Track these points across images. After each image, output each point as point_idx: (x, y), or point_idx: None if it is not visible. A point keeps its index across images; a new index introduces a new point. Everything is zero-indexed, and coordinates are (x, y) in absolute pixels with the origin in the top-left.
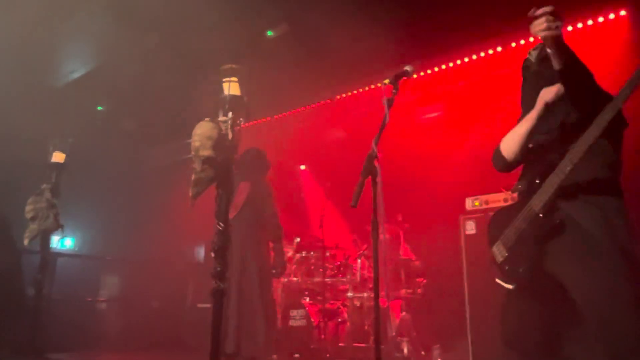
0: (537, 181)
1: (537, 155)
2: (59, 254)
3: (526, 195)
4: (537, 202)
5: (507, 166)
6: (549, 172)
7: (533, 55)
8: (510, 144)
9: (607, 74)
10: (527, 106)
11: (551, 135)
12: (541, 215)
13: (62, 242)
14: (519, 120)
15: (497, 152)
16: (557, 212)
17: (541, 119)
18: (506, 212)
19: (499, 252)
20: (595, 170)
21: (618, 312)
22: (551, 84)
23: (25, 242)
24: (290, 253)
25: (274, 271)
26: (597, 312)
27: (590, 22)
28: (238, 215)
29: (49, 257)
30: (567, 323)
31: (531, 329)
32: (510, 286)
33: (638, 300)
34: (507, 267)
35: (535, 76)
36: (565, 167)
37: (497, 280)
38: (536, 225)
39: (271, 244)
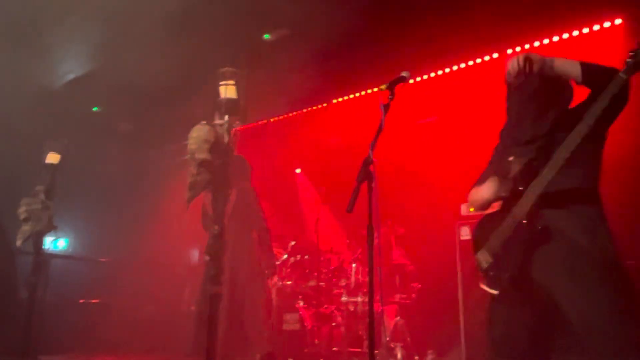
0: (520, 188)
1: (519, 164)
2: (53, 256)
3: (509, 202)
4: (521, 209)
5: (483, 210)
6: (532, 179)
7: (514, 66)
8: (478, 201)
9: None
10: (512, 117)
11: (534, 143)
12: (525, 222)
13: (55, 244)
14: (501, 132)
15: (469, 204)
16: (541, 220)
17: (525, 128)
18: (490, 218)
19: (484, 258)
20: (577, 178)
21: (606, 321)
22: (534, 95)
23: (18, 243)
24: (284, 256)
25: (266, 272)
26: (585, 321)
27: (586, 30)
28: (227, 222)
29: (42, 259)
30: (554, 330)
31: (518, 336)
32: (495, 292)
33: (625, 309)
34: (491, 273)
35: (519, 88)
36: (547, 175)
37: (482, 286)
38: (520, 231)
39: (260, 247)
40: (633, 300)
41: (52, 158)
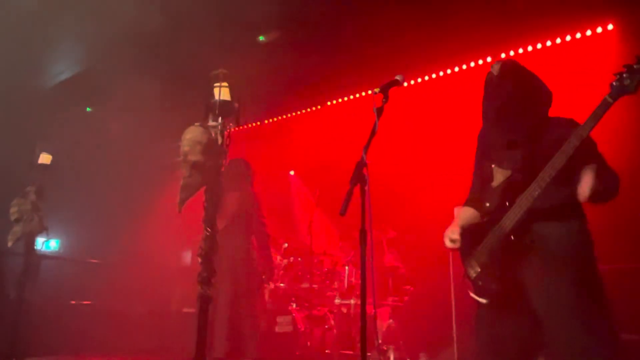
0: (507, 204)
1: (502, 174)
2: (44, 257)
3: (495, 215)
4: (508, 223)
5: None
6: (517, 193)
7: (495, 69)
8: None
9: (595, 87)
10: (488, 121)
11: (513, 150)
12: (512, 237)
13: (46, 244)
14: (479, 136)
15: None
16: (528, 234)
17: (501, 132)
18: (477, 228)
19: (472, 268)
20: (562, 195)
21: (574, 326)
22: (510, 99)
23: (10, 244)
24: (277, 258)
25: (263, 277)
26: (555, 325)
27: (578, 35)
28: (228, 225)
29: (33, 260)
30: (541, 336)
31: (505, 341)
32: (484, 300)
33: (596, 315)
34: (480, 283)
35: (496, 90)
36: (534, 192)
37: (472, 295)
38: (508, 245)
39: (259, 252)
40: (604, 312)
41: (44, 159)
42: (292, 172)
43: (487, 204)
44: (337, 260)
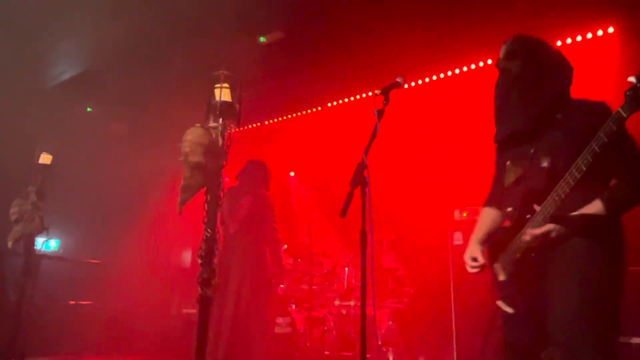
0: (528, 216)
1: (515, 174)
2: (43, 257)
3: (518, 222)
4: (528, 234)
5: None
6: (536, 201)
7: (502, 51)
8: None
9: (595, 89)
10: (499, 117)
11: (525, 145)
12: (534, 255)
13: (46, 245)
14: (495, 138)
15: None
16: (548, 250)
17: (506, 122)
18: (502, 234)
19: (500, 275)
20: (583, 204)
21: (579, 338)
22: (517, 85)
23: (10, 244)
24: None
25: (273, 281)
26: (561, 334)
27: (579, 38)
28: (240, 229)
29: (32, 260)
30: (545, 341)
31: (516, 348)
32: (510, 310)
33: (600, 329)
34: (506, 292)
35: (502, 74)
36: (550, 208)
37: (498, 303)
38: (529, 258)
39: (270, 256)
40: (612, 327)
41: (45, 159)
42: (292, 174)
43: (509, 209)
44: (336, 262)
